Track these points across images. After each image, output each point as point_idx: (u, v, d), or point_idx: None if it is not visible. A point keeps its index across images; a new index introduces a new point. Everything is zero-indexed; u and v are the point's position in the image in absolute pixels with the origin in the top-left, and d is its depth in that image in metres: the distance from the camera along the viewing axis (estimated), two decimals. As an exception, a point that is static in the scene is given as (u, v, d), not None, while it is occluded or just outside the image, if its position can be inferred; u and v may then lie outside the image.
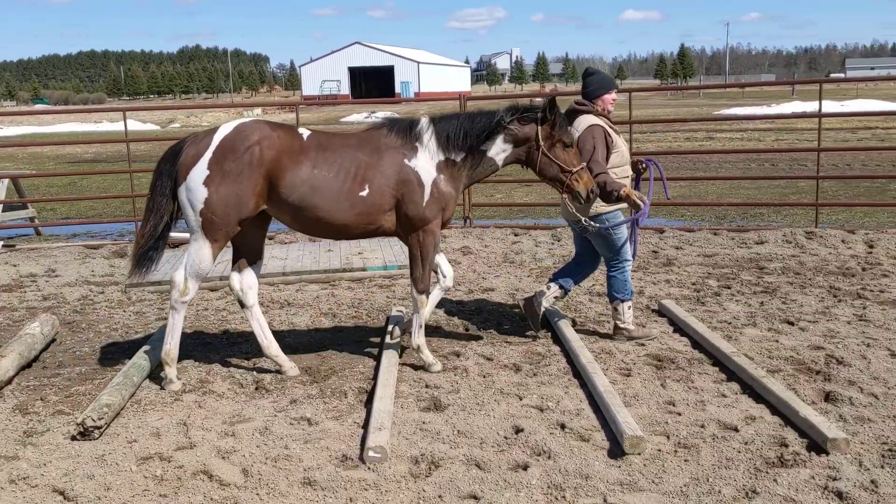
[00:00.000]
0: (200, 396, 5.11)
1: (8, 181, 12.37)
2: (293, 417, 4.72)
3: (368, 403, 4.84)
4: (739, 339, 5.95)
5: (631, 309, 6.05)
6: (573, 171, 5.30)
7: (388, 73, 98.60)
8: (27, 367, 5.79)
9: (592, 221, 5.80)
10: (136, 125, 46.65)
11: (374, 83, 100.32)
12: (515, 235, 10.61)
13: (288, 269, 8.51)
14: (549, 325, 6.34)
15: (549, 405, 4.77)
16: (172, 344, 5.28)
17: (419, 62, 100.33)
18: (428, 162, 5.25)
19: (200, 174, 5.02)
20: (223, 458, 4.20)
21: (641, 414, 4.60)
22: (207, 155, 5.04)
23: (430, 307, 5.58)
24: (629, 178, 5.96)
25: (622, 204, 5.75)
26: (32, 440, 4.51)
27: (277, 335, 5.87)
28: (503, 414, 4.67)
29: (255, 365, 5.71)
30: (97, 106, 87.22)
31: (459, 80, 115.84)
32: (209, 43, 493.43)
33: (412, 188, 5.20)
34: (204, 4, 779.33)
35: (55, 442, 4.48)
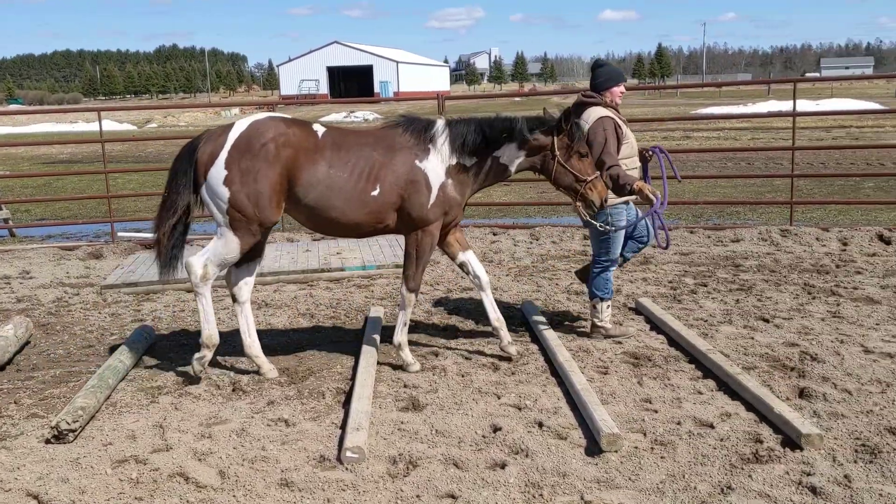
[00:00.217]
0: (177, 398, 5.08)
1: (-19, 182, 12.22)
2: (270, 419, 4.70)
3: (346, 404, 4.82)
4: (715, 336, 6.00)
5: (609, 308, 6.07)
6: (588, 179, 5.30)
7: (367, 72, 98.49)
8: (0, 370, 5.72)
9: (598, 216, 5.73)
10: (112, 125, 46.24)
11: (353, 83, 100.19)
12: (494, 235, 10.63)
13: (265, 269, 8.47)
14: (526, 323, 6.34)
15: (526, 404, 4.78)
16: (211, 329, 5.29)
17: (398, 62, 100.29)
18: (438, 165, 5.24)
19: (219, 174, 5.01)
20: (200, 460, 4.17)
21: (618, 411, 4.63)
22: (224, 154, 5.03)
23: (492, 310, 5.60)
24: (638, 168, 5.95)
25: (632, 197, 5.74)
26: (6, 444, 4.45)
27: (255, 336, 5.83)
28: (481, 413, 4.67)
29: (232, 366, 5.68)
30: (73, 106, 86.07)
31: (439, 79, 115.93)
32: (186, 42, 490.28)
33: (419, 189, 5.20)
34: (179, 3, 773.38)
35: (29, 445, 4.42)
